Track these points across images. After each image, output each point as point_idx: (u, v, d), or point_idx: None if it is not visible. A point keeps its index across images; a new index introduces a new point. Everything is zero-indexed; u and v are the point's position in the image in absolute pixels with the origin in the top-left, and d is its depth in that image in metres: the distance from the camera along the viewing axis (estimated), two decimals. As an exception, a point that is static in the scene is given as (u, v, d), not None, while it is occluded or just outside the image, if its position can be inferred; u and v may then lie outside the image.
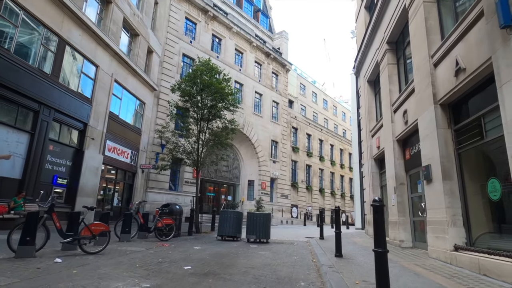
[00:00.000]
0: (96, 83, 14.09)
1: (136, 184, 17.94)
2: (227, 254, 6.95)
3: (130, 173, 17.57)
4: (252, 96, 27.82)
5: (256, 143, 27.23)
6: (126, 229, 8.26)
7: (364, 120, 12.80)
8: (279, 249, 8.13)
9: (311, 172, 34.60)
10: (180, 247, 7.75)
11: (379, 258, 3.28)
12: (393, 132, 9.17)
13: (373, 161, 11.85)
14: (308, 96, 38.75)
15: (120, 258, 5.72)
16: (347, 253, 7.13)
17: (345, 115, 46.81)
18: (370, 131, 12.13)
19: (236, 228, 9.88)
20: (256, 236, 9.44)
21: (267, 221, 9.64)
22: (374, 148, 11.61)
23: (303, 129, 34.41)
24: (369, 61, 12.08)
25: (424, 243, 7.79)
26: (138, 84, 17.85)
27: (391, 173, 9.13)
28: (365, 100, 12.69)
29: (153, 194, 19.11)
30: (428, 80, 6.60)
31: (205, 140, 13.12)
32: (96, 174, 13.96)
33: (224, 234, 9.81)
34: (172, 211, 9.93)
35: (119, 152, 16.13)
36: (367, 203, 12.25)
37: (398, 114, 8.95)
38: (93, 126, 13.81)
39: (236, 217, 9.95)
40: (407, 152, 8.69)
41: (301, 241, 10.68)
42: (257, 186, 27.20)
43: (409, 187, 8.70)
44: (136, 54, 17.81)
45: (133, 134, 17.61)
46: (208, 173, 24.64)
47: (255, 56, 28.80)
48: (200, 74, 12.86)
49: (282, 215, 28.24)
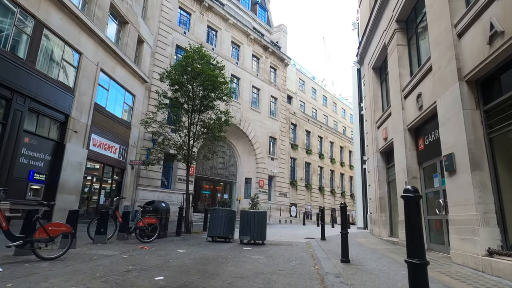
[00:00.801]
0: (79, 72, 13.05)
1: (125, 181, 16.90)
2: (214, 259, 5.93)
3: (118, 169, 16.53)
4: (250, 90, 26.80)
5: (254, 139, 26.23)
6: (101, 229, 7.24)
7: (369, 111, 11.80)
8: (276, 252, 7.13)
9: (311, 170, 33.62)
10: (162, 250, 6.73)
11: (415, 272, 2.29)
12: (404, 120, 8.17)
13: (379, 154, 10.85)
14: (308, 92, 37.74)
15: (80, 266, 4.70)
16: (355, 257, 6.13)
17: (345, 112, 45.84)
18: (375, 122, 11.13)
19: (228, 228, 8.88)
20: (250, 237, 8.43)
21: (263, 220, 8.64)
22: (381, 140, 10.62)
23: (302, 125, 33.41)
24: (374, 46, 11.08)
25: (441, 245, 6.81)
26: (127, 75, 16.80)
27: (402, 166, 8.14)
28: (370, 89, 11.69)
29: (143, 192, 18.08)
30: (450, 54, 5.60)
31: (197, 133, 12.09)
32: (79, 169, 12.92)
33: (214, 235, 8.80)
34: (157, 209, 8.91)
35: (106, 147, 15.09)
36: (372, 201, 11.27)
37: (410, 100, 7.95)
38: (75, 118, 12.76)
39: (228, 216, 8.94)
40: (421, 142, 7.69)
41: (301, 242, 9.68)
42: (254, 184, 26.20)
43: (423, 182, 7.71)
44: (125, 43, 16.77)
45: (122, 128, 16.57)
46: (203, 170, 23.62)
47: (252, 49, 27.76)
48: (191, 62, 11.82)
49: (280, 214, 27.26)
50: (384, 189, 10.53)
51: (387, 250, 7.48)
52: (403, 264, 5.42)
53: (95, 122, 14.13)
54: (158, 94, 12.62)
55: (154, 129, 12.83)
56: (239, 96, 25.70)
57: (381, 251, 7.32)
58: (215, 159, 24.61)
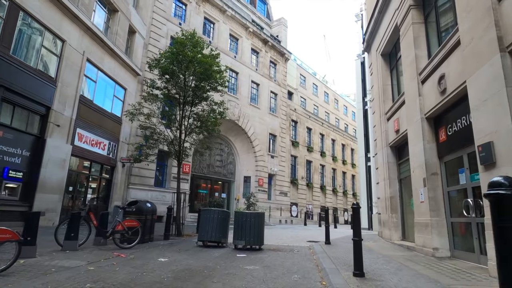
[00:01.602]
0: (62, 61, 12.02)
1: (116, 180, 15.89)
2: (199, 271, 4.91)
3: (108, 167, 15.52)
4: (248, 85, 25.75)
5: (253, 136, 25.19)
6: (71, 234, 6.22)
7: (377, 102, 10.76)
8: (274, 261, 6.10)
9: (312, 168, 32.58)
10: (140, 259, 5.71)
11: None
12: (421, 108, 7.13)
13: (389, 149, 9.82)
14: (309, 88, 36.68)
15: (24, 284, 3.69)
16: (368, 267, 5.11)
17: (347, 109, 44.78)
18: (385, 113, 10.10)
19: (221, 231, 7.85)
20: (245, 241, 7.40)
21: (260, 222, 7.61)
22: (391, 133, 9.58)
23: (303, 122, 32.35)
24: (384, 29, 10.03)
25: (469, 253, 5.77)
26: (117, 67, 15.78)
27: (419, 161, 7.10)
28: (378, 77, 10.65)
29: (135, 191, 17.07)
30: (488, 21, 4.56)
31: (189, 127, 11.06)
32: (62, 167, 11.91)
33: (205, 239, 7.77)
34: (140, 210, 7.88)
35: (93, 143, 14.07)
36: (381, 200, 10.24)
37: (429, 84, 6.91)
38: (58, 111, 11.75)
39: (221, 217, 7.91)
40: (442, 132, 6.65)
41: (303, 246, 8.66)
42: (253, 182, 25.17)
43: (444, 178, 6.67)
44: (114, 32, 15.74)
45: (112, 123, 15.55)
46: (200, 168, 22.61)
47: (251, 43, 26.70)
48: (183, 49, 10.77)
49: (280, 214, 26.24)
50: (395, 187, 9.49)
51: (404, 258, 6.45)
52: (429, 279, 4.40)
53: (81, 116, 13.12)
54: (146, 84, 11.60)
55: (142, 122, 11.80)
56: (237, 91, 24.67)
57: (397, 259, 6.29)
58: (212, 157, 23.61)
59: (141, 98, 11.27)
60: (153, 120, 11.82)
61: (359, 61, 22.66)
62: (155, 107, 11.24)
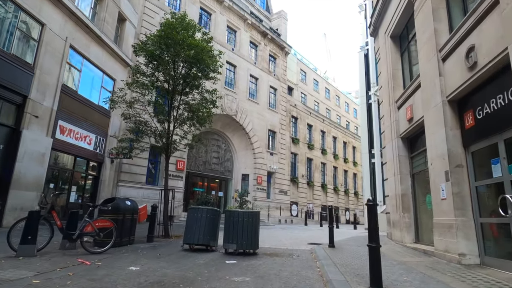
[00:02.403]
0: (41, 46, 11.01)
1: (103, 177, 14.88)
2: (172, 285, 3.91)
3: (94, 162, 14.51)
4: (247, 79, 24.73)
5: (251, 132, 24.17)
6: (28, 236, 5.21)
7: (386, 90, 9.74)
8: (270, 270, 5.09)
9: (313, 166, 31.56)
10: (106, 268, 4.71)
11: None
12: (443, 89, 6.11)
13: (400, 140, 8.79)
14: (309, 84, 35.63)
15: None
16: (386, 279, 4.09)
17: (349, 106, 43.73)
18: (395, 101, 9.07)
19: (210, 233, 6.84)
20: (237, 245, 6.38)
21: (255, 222, 6.60)
22: (403, 122, 8.56)
23: (304, 119, 31.32)
24: (393, 8, 9.00)
25: (506, 260, 4.76)
26: (105, 56, 14.76)
27: (440, 152, 6.08)
28: (387, 62, 9.62)
29: (126, 189, 16.07)
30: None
31: (178, 117, 10.04)
32: (41, 161, 10.90)
33: (191, 242, 6.75)
34: (117, 208, 6.87)
35: (78, 137, 13.06)
36: (391, 198, 9.22)
37: (452, 61, 5.89)
38: (36, 101, 10.75)
39: (210, 218, 6.89)
40: (469, 116, 5.63)
41: (303, 250, 7.65)
42: (252, 180, 24.18)
43: (472, 171, 5.65)
44: (102, 19, 14.72)
45: (99, 116, 14.54)
46: (196, 166, 21.60)
47: (250, 35, 25.67)
48: (171, 31, 9.74)
49: (280, 214, 25.23)
50: (407, 183, 8.47)
51: (424, 265, 5.43)
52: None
53: (63, 107, 12.11)
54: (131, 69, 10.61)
55: (124, 110, 10.79)
56: (235, 85, 23.65)
57: (417, 267, 5.27)
58: (208, 154, 22.60)
59: (125, 84, 10.24)
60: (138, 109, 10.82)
61: (362, 53, 21.63)
62: (140, 94, 10.22)
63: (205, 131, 22.31)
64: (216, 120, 22.47)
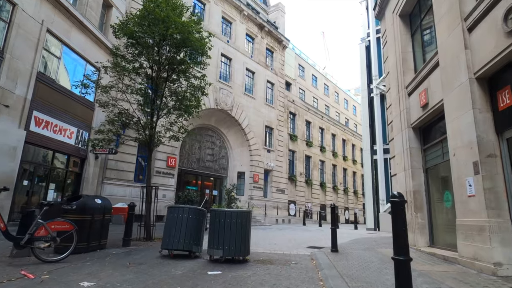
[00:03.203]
0: (11, 28, 9.96)
1: (87, 174, 13.82)
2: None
3: (76, 158, 13.45)
4: (243, 73, 23.68)
5: (247, 128, 23.14)
6: (-40, 243, 4.19)
7: (394, 75, 8.74)
8: (261, 285, 4.08)
9: (311, 164, 30.57)
10: (49, 284, 3.68)
11: None
12: (470, 65, 5.11)
13: (411, 131, 7.80)
14: (308, 79, 34.62)
15: None
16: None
17: (348, 103, 42.76)
18: (405, 87, 8.07)
19: (193, 236, 5.80)
20: (223, 251, 5.35)
21: (245, 224, 5.57)
22: (415, 110, 7.56)
23: (302, 115, 30.31)
24: (404, -19, 8.00)
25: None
26: (88, 43, 13.70)
27: (466, 139, 5.08)
28: (396, 45, 8.62)
29: (112, 187, 15.02)
30: None
31: (163, 107, 8.99)
32: (12, 156, 9.85)
33: (170, 247, 5.72)
34: (83, 208, 5.83)
35: (56, 130, 11.99)
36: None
37: (483, 29, 4.89)
38: (6, 88, 9.70)
39: (194, 218, 5.86)
40: (504, 95, 4.63)
41: (302, 256, 6.64)
42: (248, 179, 23.16)
43: (508, 162, 4.66)
44: (85, 3, 13.65)
45: (82, 108, 13.48)
46: (188, 163, 20.54)
47: (246, 27, 24.62)
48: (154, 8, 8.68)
49: (277, 213, 24.23)
50: (419, 179, 7.47)
51: (449, 276, 4.44)
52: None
53: (39, 97, 11.07)
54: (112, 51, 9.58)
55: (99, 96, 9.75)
56: (230, 79, 22.61)
57: (444, 279, 4.27)
58: (202, 150, 21.54)
59: (101, 67, 9.18)
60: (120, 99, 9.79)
61: (363, 45, 20.65)
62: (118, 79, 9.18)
63: (199, 127, 21.29)
64: (210, 115, 21.44)
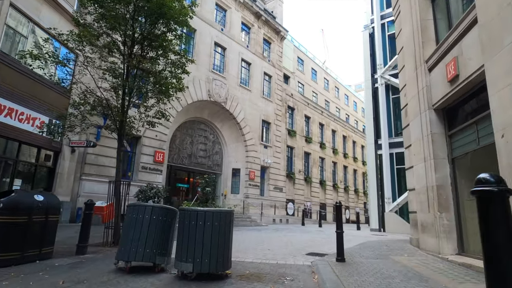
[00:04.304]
0: (-37, -2, 8.54)
1: (61, 169, 12.43)
2: None
3: (49, 151, 12.06)
4: (238, 64, 22.29)
5: (243, 122, 21.76)
6: None
7: (411, 49, 7.36)
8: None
9: (310, 161, 29.21)
10: None
11: None
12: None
13: (434, 113, 6.43)
14: (307, 73, 33.22)
15: None
16: None
17: (348, 98, 41.39)
18: (425, 61, 6.70)
19: (157, 243, 4.42)
20: (194, 264, 3.96)
21: (224, 228, 4.18)
22: (439, 86, 6.19)
23: (301, 109, 28.94)
24: None
25: None
26: (63, 23, 12.23)
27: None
28: (412, 13, 7.24)
29: (91, 184, 13.63)
30: None
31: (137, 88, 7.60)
32: (-37, 146, 8.44)
33: (126, 258, 4.33)
34: (15, 207, 4.44)
35: (22, 118, 10.61)
36: (417, 193, 6.85)
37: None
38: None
39: (160, 219, 4.48)
40: None
41: (301, 267, 5.28)
42: (243, 176, 21.79)
43: None
44: (58, -23, 12.22)
45: (55, 95, 12.05)
46: (179, 158, 19.14)
47: (242, 15, 23.22)
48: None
49: (275, 212, 22.88)
50: (444, 171, 6.11)
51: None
52: None
53: (0, 80, 9.68)
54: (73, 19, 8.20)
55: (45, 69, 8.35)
56: (225, 69, 21.21)
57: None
58: (194, 145, 20.14)
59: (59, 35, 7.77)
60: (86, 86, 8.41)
61: (366, 32, 19.27)
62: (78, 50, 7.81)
63: (191, 120, 19.90)
64: (202, 108, 20.05)
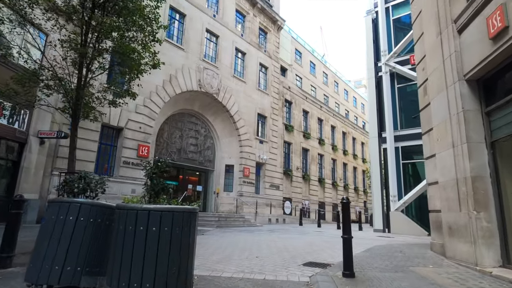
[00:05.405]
0: None
1: (27, 163, 11.00)
2: None
3: (11, 142, 10.63)
4: (232, 53, 20.88)
5: (237, 115, 20.37)
6: None
7: (432, 9, 5.99)
8: None
9: (309, 158, 27.87)
10: None
11: None
12: None
13: (465, 86, 5.06)
14: (305, 66, 31.85)
15: None
16: None
17: (348, 93, 40.08)
18: (453, 21, 5.33)
19: (85, 256, 3.03)
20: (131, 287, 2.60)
21: (180, 236, 2.79)
22: (475, 49, 4.82)
23: (299, 104, 27.58)
24: None
25: None
26: None
27: None
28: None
29: (64, 180, 12.15)
30: None
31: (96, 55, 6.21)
32: None
33: (35, 280, 2.95)
34: None
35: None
36: (442, 187, 5.49)
37: None
38: None
39: (93, 223, 3.10)
40: None
41: (295, 284, 3.92)
42: (237, 172, 20.42)
43: None
44: None
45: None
46: (167, 153, 17.72)
47: (236, 1, 21.81)
48: None
49: (271, 212, 21.52)
50: (481, 159, 4.75)
51: None
52: None
53: None
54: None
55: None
56: (217, 58, 19.81)
57: None
58: (184, 140, 18.73)
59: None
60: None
61: (369, 18, 17.95)
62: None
63: (180, 112, 18.49)
64: (193, 99, 18.64)
